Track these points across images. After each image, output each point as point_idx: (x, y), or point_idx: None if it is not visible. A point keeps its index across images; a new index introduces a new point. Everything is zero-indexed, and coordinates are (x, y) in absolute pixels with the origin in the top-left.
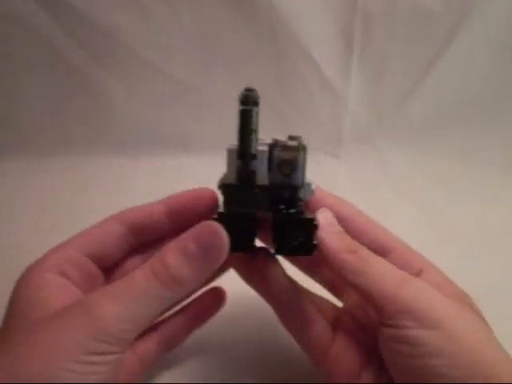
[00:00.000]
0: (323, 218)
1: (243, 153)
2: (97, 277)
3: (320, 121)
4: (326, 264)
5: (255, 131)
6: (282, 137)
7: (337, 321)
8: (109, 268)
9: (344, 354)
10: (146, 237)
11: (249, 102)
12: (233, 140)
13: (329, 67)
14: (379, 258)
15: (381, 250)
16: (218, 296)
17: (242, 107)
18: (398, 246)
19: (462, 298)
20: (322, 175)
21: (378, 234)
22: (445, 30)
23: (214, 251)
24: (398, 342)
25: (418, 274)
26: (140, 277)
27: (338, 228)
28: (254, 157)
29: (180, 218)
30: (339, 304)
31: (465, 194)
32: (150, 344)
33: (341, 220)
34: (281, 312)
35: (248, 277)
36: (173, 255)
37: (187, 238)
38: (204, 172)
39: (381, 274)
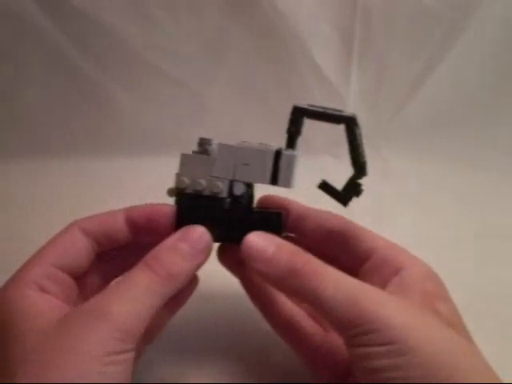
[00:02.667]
0: (253, 245)
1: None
2: (72, 288)
3: (320, 121)
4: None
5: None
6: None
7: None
8: (79, 277)
9: (333, 354)
10: (109, 246)
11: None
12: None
13: (329, 67)
14: (328, 272)
15: (363, 253)
16: None
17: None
18: (380, 246)
19: (435, 298)
20: (321, 175)
21: (363, 238)
22: (445, 29)
23: (200, 246)
24: (359, 359)
25: (396, 273)
26: (140, 275)
27: (272, 249)
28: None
29: (139, 230)
30: None
31: (465, 196)
32: None
33: (329, 232)
34: (266, 314)
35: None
36: (168, 254)
37: (176, 238)
38: None
39: (333, 297)
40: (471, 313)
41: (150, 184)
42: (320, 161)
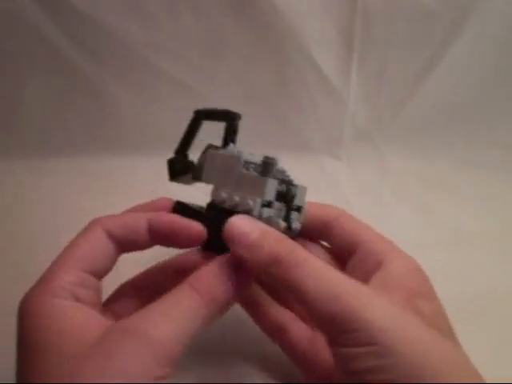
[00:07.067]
0: (236, 228)
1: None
2: (99, 290)
3: (320, 121)
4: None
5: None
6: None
7: None
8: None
9: (323, 354)
10: (128, 249)
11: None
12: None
13: (329, 67)
14: (312, 264)
15: (349, 246)
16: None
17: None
18: (367, 238)
19: (417, 297)
20: (322, 176)
21: (352, 229)
22: (445, 29)
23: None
24: (339, 359)
25: (377, 266)
26: (184, 295)
27: (255, 234)
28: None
29: (161, 239)
30: None
31: (464, 196)
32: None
33: (326, 223)
34: (255, 317)
35: None
36: (212, 277)
37: (220, 264)
38: None
39: (314, 290)
40: (470, 312)
41: (150, 184)
42: (320, 161)
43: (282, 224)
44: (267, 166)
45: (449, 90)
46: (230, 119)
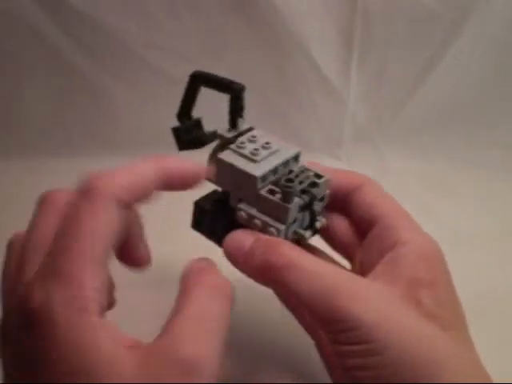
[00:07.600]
0: (231, 243)
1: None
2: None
3: (320, 121)
4: None
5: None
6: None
7: None
8: None
9: None
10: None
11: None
12: None
13: (329, 67)
14: (304, 265)
15: (369, 218)
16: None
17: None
18: (386, 213)
19: (420, 286)
20: None
21: (373, 200)
22: (445, 29)
23: None
24: (336, 356)
25: (392, 245)
26: (206, 303)
27: (248, 244)
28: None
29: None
30: None
31: (464, 196)
32: None
33: (349, 191)
34: (296, 315)
35: None
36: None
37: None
38: None
39: (308, 291)
40: (471, 312)
41: None
42: (320, 161)
43: (308, 234)
44: (287, 195)
45: (449, 89)
46: (235, 92)
